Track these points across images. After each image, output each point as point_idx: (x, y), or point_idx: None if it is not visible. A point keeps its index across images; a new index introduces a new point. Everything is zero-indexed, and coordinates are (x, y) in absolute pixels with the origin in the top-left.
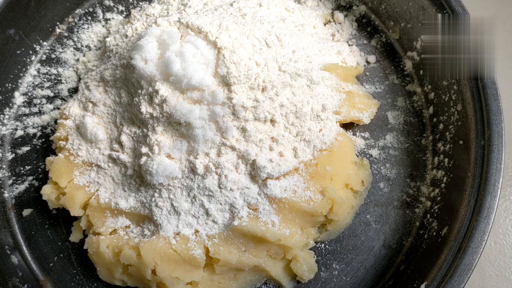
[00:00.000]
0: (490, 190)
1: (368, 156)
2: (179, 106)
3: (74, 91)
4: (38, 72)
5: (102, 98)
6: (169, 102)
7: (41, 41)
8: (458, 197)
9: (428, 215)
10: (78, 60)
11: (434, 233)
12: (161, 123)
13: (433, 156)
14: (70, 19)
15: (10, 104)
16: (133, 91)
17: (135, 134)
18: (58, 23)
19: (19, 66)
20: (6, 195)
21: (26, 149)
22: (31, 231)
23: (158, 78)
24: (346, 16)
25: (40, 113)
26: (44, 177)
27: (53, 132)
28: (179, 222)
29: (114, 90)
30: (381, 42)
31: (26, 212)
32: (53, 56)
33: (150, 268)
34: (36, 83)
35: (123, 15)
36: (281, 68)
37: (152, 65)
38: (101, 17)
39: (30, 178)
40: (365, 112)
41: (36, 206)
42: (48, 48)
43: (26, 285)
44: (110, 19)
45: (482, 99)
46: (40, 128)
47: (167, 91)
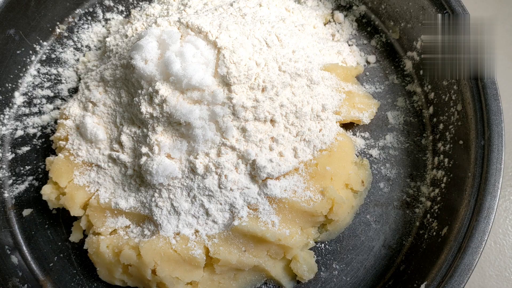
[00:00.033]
0: (490, 190)
1: (368, 156)
2: (179, 106)
3: (74, 91)
4: (38, 72)
5: (102, 98)
6: (169, 102)
7: (41, 41)
8: (458, 197)
9: (428, 215)
10: (78, 60)
11: (434, 233)
12: (161, 123)
13: (433, 156)
14: (70, 19)
15: (10, 104)
16: (133, 91)
17: (135, 134)
18: (58, 23)
19: (19, 66)
20: (6, 195)
21: (26, 149)
22: (31, 231)
23: (158, 78)
24: (346, 16)
25: (40, 113)
26: (44, 177)
27: (53, 132)
28: (179, 222)
29: (114, 90)
30: (381, 42)
31: (26, 212)
32: (53, 56)
33: (150, 268)
34: (36, 83)
35: (123, 15)
36: (281, 68)
37: (152, 65)
38: (101, 17)
39: (30, 178)
40: (365, 112)
41: (36, 206)
42: (48, 48)
43: (26, 285)
44: (110, 19)
45: (482, 99)
46: (40, 128)
47: (167, 91)
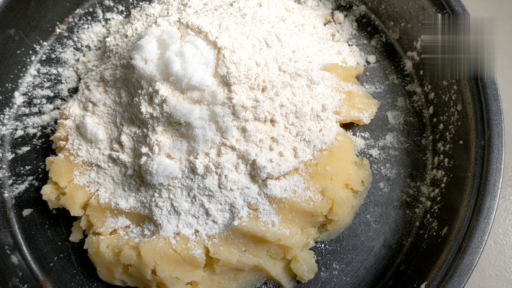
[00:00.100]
0: (490, 190)
1: (368, 156)
2: (179, 106)
3: (74, 91)
4: (38, 72)
5: (102, 98)
6: (169, 102)
7: (41, 41)
8: (458, 197)
9: (428, 215)
10: (78, 60)
11: (434, 233)
12: (161, 123)
13: (433, 156)
14: (70, 19)
15: (10, 104)
16: (133, 91)
17: (135, 134)
18: (58, 23)
19: (19, 66)
20: (6, 195)
21: (26, 149)
22: (31, 231)
23: (158, 78)
24: (346, 16)
25: (40, 113)
26: (44, 177)
27: (53, 132)
28: (179, 222)
29: (114, 90)
30: (381, 42)
31: (26, 212)
32: (53, 56)
33: (150, 268)
34: (36, 83)
35: (123, 15)
36: (281, 68)
37: (152, 65)
38: (101, 17)
39: (30, 178)
40: (365, 112)
41: (36, 206)
42: (48, 48)
43: (26, 285)
44: (110, 19)
45: (482, 99)
46: (40, 128)
47: (167, 91)
